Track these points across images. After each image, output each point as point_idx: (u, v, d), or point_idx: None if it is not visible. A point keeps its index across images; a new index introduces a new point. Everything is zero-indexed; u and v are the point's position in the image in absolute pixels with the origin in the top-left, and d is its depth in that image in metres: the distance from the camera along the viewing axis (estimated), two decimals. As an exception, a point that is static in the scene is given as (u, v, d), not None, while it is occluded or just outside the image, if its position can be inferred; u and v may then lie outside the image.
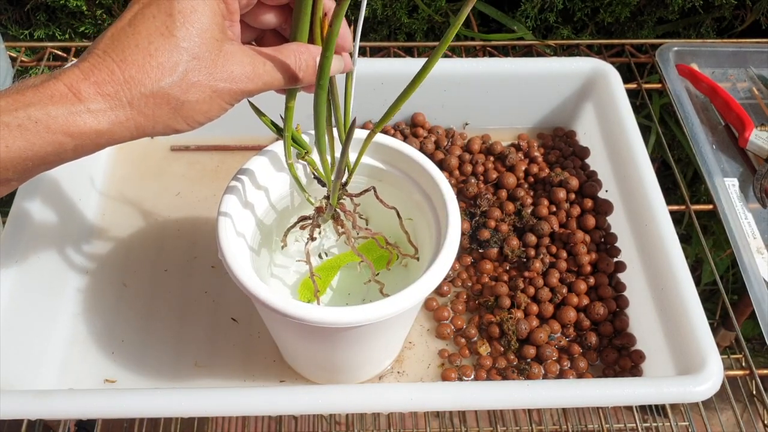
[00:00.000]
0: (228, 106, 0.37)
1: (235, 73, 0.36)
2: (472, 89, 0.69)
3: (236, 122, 0.70)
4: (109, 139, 0.34)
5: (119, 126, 0.34)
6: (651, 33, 0.87)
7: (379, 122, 0.43)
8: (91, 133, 0.33)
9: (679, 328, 0.51)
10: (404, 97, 0.41)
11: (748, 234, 0.60)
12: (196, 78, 0.34)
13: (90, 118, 0.33)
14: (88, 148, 0.34)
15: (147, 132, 0.35)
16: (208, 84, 0.35)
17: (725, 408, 1.02)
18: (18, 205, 0.55)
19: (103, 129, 0.33)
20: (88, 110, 0.33)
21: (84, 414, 0.45)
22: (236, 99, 0.37)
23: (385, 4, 0.83)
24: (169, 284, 0.60)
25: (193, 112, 0.35)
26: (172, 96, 0.34)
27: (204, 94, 0.35)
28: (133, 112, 0.34)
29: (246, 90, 0.37)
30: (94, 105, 0.33)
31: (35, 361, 0.53)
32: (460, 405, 0.48)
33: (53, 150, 0.33)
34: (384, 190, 0.51)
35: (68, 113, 0.32)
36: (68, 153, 0.34)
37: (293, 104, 0.42)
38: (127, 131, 0.34)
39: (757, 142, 0.66)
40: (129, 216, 0.65)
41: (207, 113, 0.36)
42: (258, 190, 0.49)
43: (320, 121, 0.42)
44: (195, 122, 0.36)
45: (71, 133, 0.33)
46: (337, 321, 0.41)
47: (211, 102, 0.35)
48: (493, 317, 0.57)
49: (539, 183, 0.65)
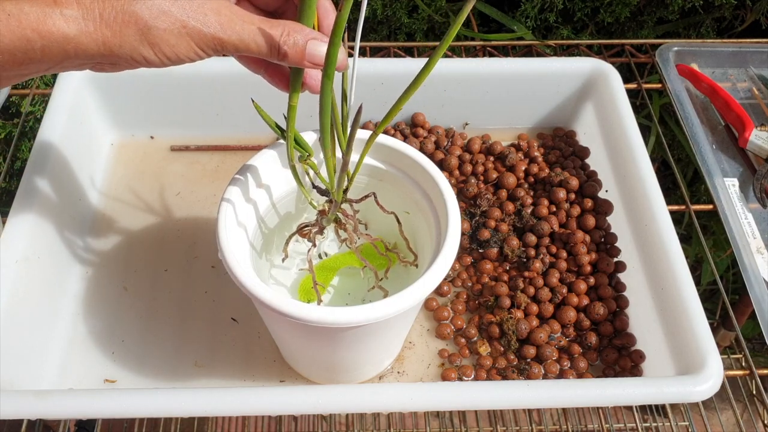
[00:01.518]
0: (198, 50, 0.37)
1: (210, 18, 0.36)
2: (472, 89, 0.69)
3: (236, 122, 0.70)
4: (76, 48, 0.35)
5: (87, 36, 0.35)
6: (651, 33, 0.87)
7: (381, 123, 0.43)
8: (59, 37, 0.35)
9: (679, 328, 0.51)
10: (405, 98, 0.41)
11: (748, 234, 0.60)
12: (168, 8, 0.36)
13: (61, 22, 0.34)
14: (55, 53, 0.35)
15: (114, 51, 0.36)
16: (179, 17, 0.36)
17: (725, 408, 1.02)
18: (18, 205, 0.55)
19: (71, 35, 0.35)
20: (61, 14, 0.34)
21: (84, 414, 0.45)
22: (208, 45, 0.37)
23: (385, 4, 0.83)
24: (169, 284, 0.60)
25: (159, 40, 0.36)
26: (141, 18, 0.35)
27: (173, 26, 0.36)
28: (101, 25, 0.35)
29: (217, 37, 0.37)
30: (68, 11, 0.34)
31: (35, 361, 0.53)
32: (460, 405, 0.48)
33: (21, 46, 0.34)
34: (384, 190, 0.51)
35: (41, 13, 0.34)
36: (36, 53, 0.35)
37: (296, 102, 0.42)
38: (94, 44, 0.35)
39: (757, 142, 0.66)
40: (129, 216, 0.65)
41: (174, 47, 0.36)
42: (258, 190, 0.49)
43: (325, 115, 0.42)
44: (162, 54, 0.37)
45: (40, 32, 0.34)
46: (337, 321, 0.41)
47: (180, 37, 0.36)
48: (493, 317, 0.57)
49: (539, 183, 0.65)
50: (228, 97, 0.68)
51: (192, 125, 0.70)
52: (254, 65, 0.43)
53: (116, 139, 0.71)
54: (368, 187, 0.53)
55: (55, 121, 0.61)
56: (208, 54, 0.38)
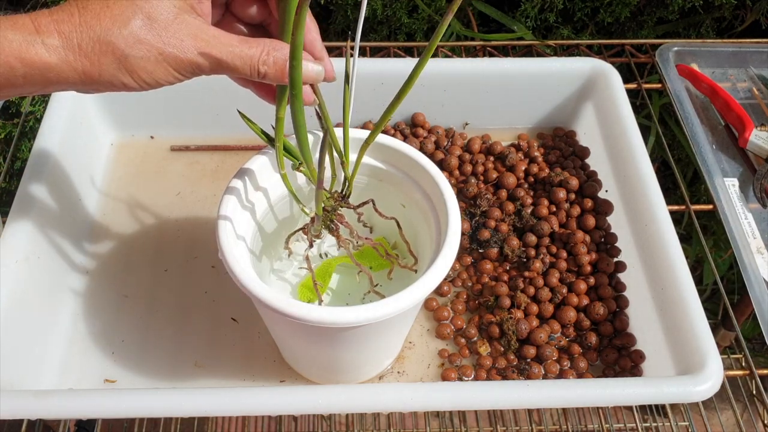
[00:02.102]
0: (177, 74, 0.38)
1: (186, 43, 0.37)
2: (472, 89, 0.68)
3: (236, 122, 0.69)
4: (58, 76, 0.36)
5: (67, 65, 0.36)
6: (651, 33, 0.87)
7: (377, 125, 0.43)
8: (41, 65, 0.35)
9: (679, 328, 0.51)
10: (399, 99, 0.41)
11: (748, 234, 0.60)
12: (144, 36, 0.36)
13: (42, 51, 0.35)
14: (37, 81, 0.36)
15: (94, 79, 0.36)
16: (155, 45, 0.36)
17: (725, 408, 1.02)
18: (18, 205, 0.55)
19: (53, 64, 0.35)
20: (42, 43, 0.35)
21: (84, 414, 0.45)
22: (185, 69, 0.37)
23: (385, 4, 0.83)
24: (169, 284, 0.60)
25: (137, 68, 0.36)
26: (117, 47, 0.36)
27: (150, 54, 0.36)
28: (80, 55, 0.36)
29: (194, 62, 0.37)
30: (50, 40, 0.35)
31: (35, 361, 0.53)
32: (460, 405, 0.48)
33: (3, 72, 0.35)
34: (384, 190, 0.51)
35: (24, 41, 0.35)
36: (18, 79, 0.36)
37: (283, 114, 0.42)
38: (74, 73, 0.36)
39: (757, 142, 0.66)
40: (129, 216, 0.65)
41: (152, 74, 0.37)
42: (258, 190, 0.49)
43: (300, 131, 0.42)
44: (141, 80, 0.37)
45: (23, 60, 0.35)
46: (337, 321, 0.41)
47: (157, 64, 0.37)
48: (493, 317, 0.57)
49: (539, 183, 0.65)
50: (228, 98, 0.67)
51: (192, 125, 0.70)
52: (242, 81, 0.44)
53: (116, 139, 0.71)
54: (368, 187, 0.53)
55: (55, 121, 0.61)
56: (187, 77, 0.38)
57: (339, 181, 0.49)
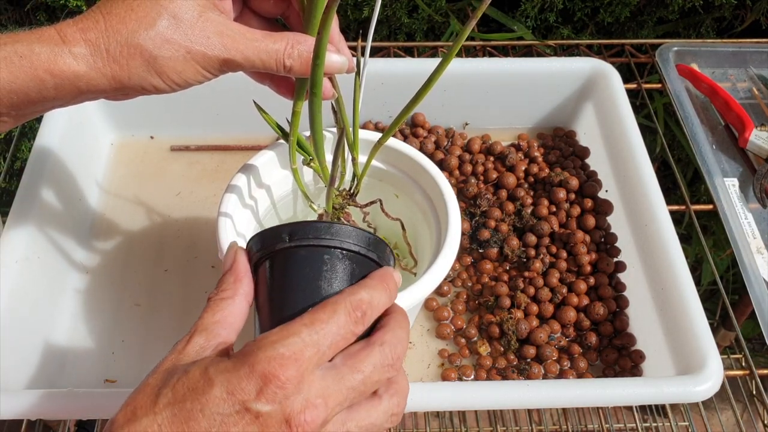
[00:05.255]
0: (206, 72, 0.38)
1: (212, 40, 0.37)
2: (472, 89, 0.68)
3: (236, 122, 0.70)
4: (88, 84, 0.36)
5: (97, 72, 0.35)
6: (651, 33, 0.87)
7: (391, 127, 0.43)
8: (71, 75, 0.35)
9: (679, 328, 0.51)
10: (417, 100, 0.41)
11: (748, 234, 0.60)
12: (171, 36, 0.36)
13: (71, 60, 0.35)
14: (68, 91, 0.36)
15: (124, 83, 0.36)
16: (183, 44, 0.36)
17: (725, 408, 1.02)
18: (18, 205, 0.55)
19: (82, 72, 0.35)
20: (70, 53, 0.35)
21: (84, 414, 0.45)
22: (213, 66, 0.37)
23: (385, 4, 0.83)
24: (169, 284, 0.60)
25: (166, 68, 0.36)
26: (146, 49, 0.36)
27: (178, 53, 0.36)
28: (109, 60, 0.35)
29: (222, 58, 0.37)
30: (77, 49, 0.35)
31: (35, 361, 0.53)
32: (460, 405, 0.48)
33: (35, 86, 0.35)
34: (384, 190, 0.51)
35: (51, 53, 0.35)
36: (50, 92, 0.35)
37: (300, 109, 0.42)
38: (104, 78, 0.36)
39: (757, 142, 0.66)
40: (129, 216, 0.65)
41: (181, 73, 0.37)
42: (258, 190, 0.49)
43: (316, 128, 0.42)
44: (170, 81, 0.37)
45: (52, 72, 0.35)
46: (337, 321, 0.40)
47: (185, 63, 0.37)
48: (493, 317, 0.57)
49: (539, 183, 0.65)
50: (228, 98, 0.68)
51: (192, 125, 0.70)
52: (259, 77, 0.44)
53: (116, 139, 0.71)
54: (368, 187, 0.53)
55: (56, 121, 0.61)
56: (215, 75, 0.38)
57: (346, 179, 0.49)
